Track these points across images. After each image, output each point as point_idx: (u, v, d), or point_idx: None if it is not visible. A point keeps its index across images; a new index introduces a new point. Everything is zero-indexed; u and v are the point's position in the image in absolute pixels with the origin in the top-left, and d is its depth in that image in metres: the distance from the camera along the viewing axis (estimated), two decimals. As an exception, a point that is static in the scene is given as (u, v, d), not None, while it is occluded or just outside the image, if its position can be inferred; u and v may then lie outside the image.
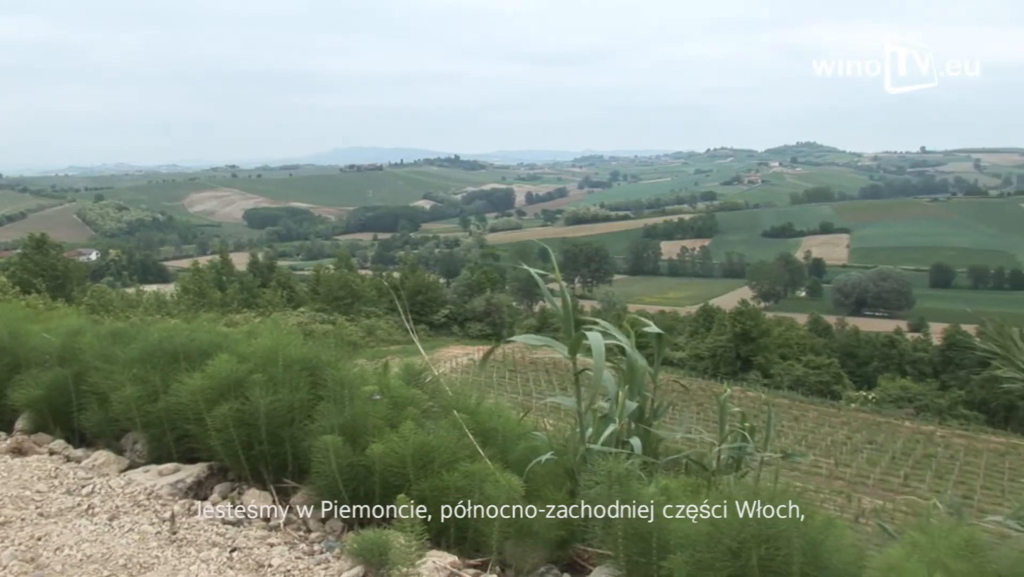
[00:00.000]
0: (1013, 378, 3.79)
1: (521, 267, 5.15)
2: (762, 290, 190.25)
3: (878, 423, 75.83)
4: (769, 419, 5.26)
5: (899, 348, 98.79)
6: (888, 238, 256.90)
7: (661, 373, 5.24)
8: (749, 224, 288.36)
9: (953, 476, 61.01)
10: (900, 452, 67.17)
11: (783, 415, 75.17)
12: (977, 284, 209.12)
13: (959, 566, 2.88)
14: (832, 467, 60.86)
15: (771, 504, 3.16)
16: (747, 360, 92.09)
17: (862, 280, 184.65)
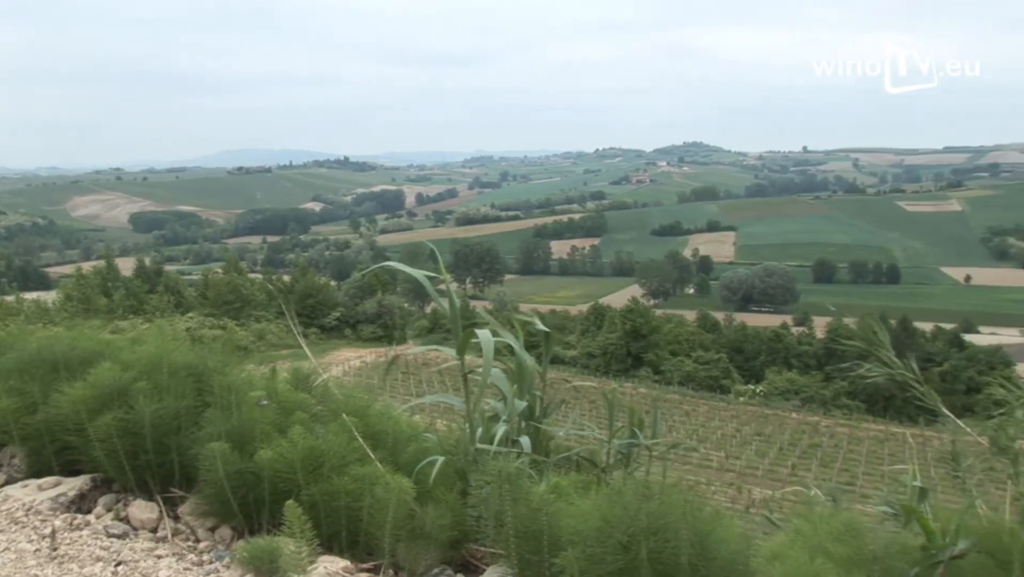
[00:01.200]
0: (879, 373, 3.87)
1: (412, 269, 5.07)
2: (651, 288, 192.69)
3: (766, 415, 77.42)
4: (656, 414, 5.32)
5: (785, 342, 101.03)
6: (773, 235, 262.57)
7: (553, 372, 5.27)
8: (638, 223, 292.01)
9: (837, 464, 62.71)
10: (787, 443, 68.77)
11: (674, 410, 76.23)
12: (857, 279, 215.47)
13: (839, 550, 2.99)
14: (723, 460, 61.92)
15: (660, 498, 3.22)
16: (638, 357, 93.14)
17: (748, 277, 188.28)
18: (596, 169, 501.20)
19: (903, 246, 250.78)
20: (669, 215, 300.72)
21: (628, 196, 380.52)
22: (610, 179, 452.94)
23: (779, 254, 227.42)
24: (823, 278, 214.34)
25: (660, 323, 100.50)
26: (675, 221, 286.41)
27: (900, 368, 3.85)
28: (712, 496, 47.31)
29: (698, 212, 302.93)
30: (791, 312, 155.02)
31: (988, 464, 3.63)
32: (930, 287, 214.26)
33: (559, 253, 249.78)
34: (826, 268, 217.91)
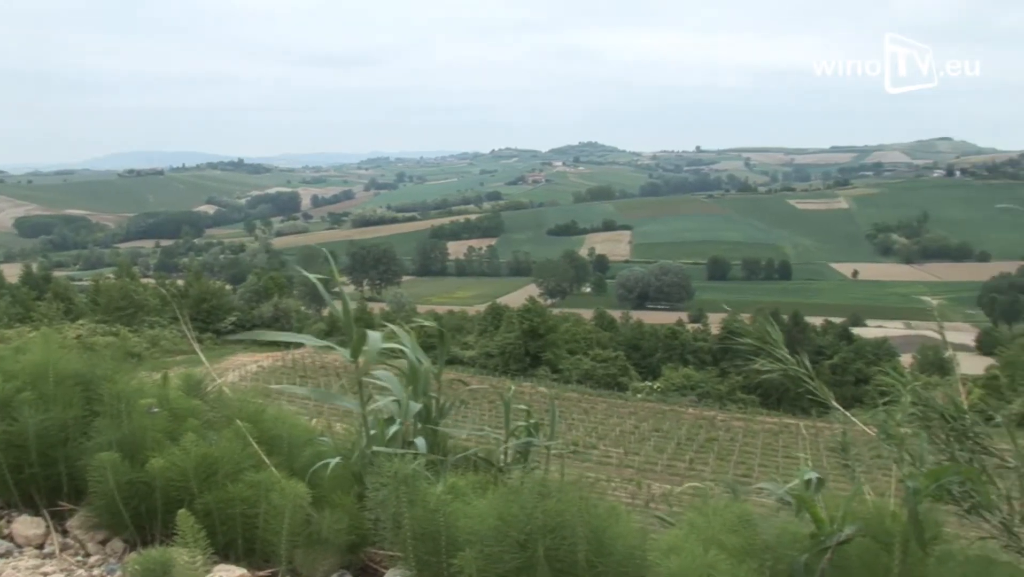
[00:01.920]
0: (772, 368, 3.91)
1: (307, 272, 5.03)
2: (548, 287, 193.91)
3: (663, 411, 78.37)
4: (553, 412, 5.36)
5: (681, 339, 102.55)
6: (668, 234, 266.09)
7: (451, 372, 5.27)
8: (534, 223, 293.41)
9: (734, 457, 63.80)
10: (685, 438, 69.73)
11: (573, 408, 76.76)
12: (750, 275, 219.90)
13: (732, 540, 3.07)
14: (622, 456, 62.49)
15: (557, 496, 3.24)
16: (536, 356, 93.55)
17: (644, 275, 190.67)
18: (492, 169, 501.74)
19: (794, 243, 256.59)
20: (565, 215, 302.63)
21: (524, 196, 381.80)
22: (506, 179, 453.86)
23: (674, 252, 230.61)
24: (717, 275, 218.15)
25: (557, 322, 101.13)
26: (571, 221, 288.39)
27: (792, 363, 3.92)
28: (612, 492, 47.86)
29: (594, 212, 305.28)
30: (687, 309, 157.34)
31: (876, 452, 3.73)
32: (820, 283, 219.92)
33: (456, 254, 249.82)
34: (720, 265, 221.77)
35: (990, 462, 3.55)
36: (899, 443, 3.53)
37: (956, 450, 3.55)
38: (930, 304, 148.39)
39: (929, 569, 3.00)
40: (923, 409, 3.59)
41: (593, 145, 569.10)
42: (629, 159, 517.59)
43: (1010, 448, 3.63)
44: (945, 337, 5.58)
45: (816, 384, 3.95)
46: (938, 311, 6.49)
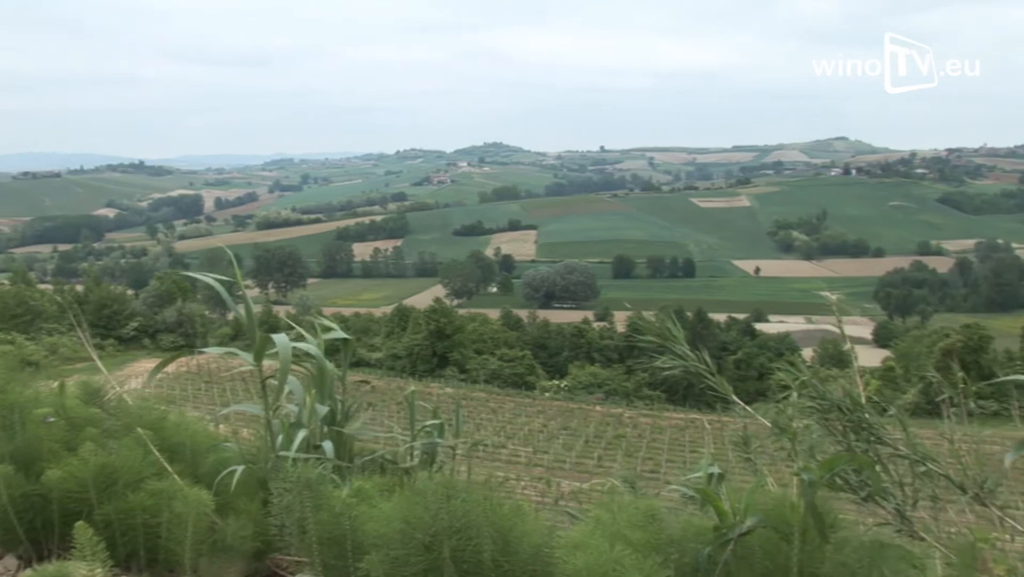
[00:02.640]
0: (675, 365, 3.97)
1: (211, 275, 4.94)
2: (455, 288, 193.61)
3: (571, 409, 78.81)
4: (457, 412, 5.36)
5: (587, 337, 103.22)
6: (573, 233, 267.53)
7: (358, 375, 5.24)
8: (440, 223, 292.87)
9: (641, 453, 64.41)
10: (593, 435, 70.21)
11: (481, 408, 76.84)
12: (655, 273, 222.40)
13: (637, 536, 3.10)
14: (531, 455, 62.73)
15: (462, 496, 3.24)
16: (443, 357, 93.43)
17: (550, 274, 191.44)
18: (397, 170, 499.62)
19: (697, 241, 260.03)
20: (471, 215, 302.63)
21: (430, 197, 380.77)
22: (411, 180, 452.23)
23: (579, 251, 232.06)
24: (622, 273, 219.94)
25: (464, 322, 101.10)
26: (477, 221, 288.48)
27: (694, 360, 3.97)
28: (521, 491, 48.00)
29: (499, 211, 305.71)
30: (592, 308, 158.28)
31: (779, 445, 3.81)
32: (723, 279, 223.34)
33: (362, 255, 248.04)
34: (625, 264, 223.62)
35: (884, 451, 3.68)
36: (793, 436, 3.66)
37: (852, 441, 3.65)
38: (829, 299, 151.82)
39: (826, 556, 3.06)
40: (819, 402, 3.68)
41: (498, 145, 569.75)
42: (534, 159, 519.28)
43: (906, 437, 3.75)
44: (844, 331, 5.73)
45: (717, 379, 4.01)
46: (837, 306, 6.49)
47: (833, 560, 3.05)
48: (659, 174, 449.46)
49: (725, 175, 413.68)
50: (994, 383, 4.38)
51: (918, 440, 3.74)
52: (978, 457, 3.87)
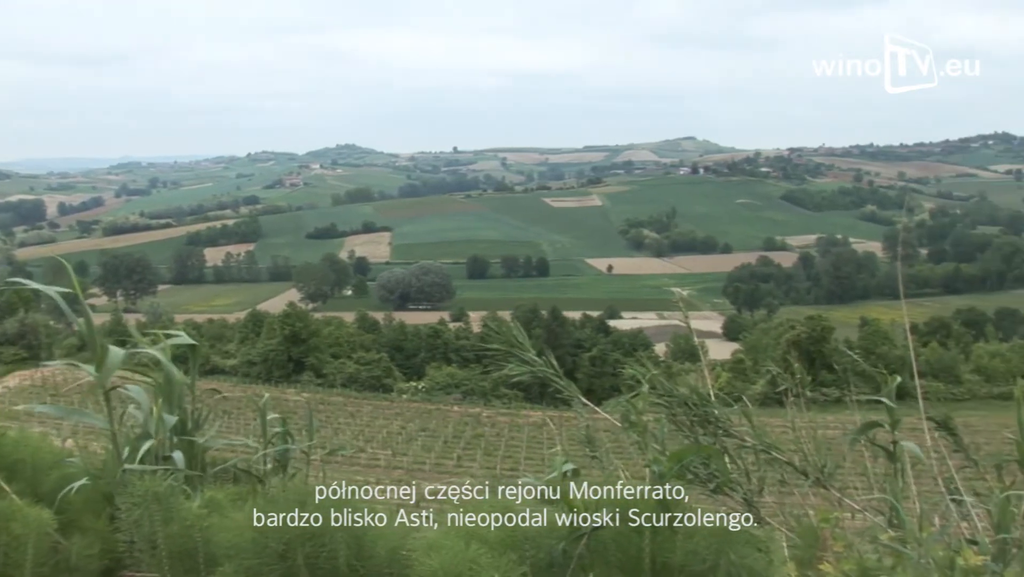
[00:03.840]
0: (521, 371, 4.09)
1: (42, 285, 4.76)
2: (309, 291, 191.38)
3: (430, 411, 78.91)
4: (310, 416, 5.31)
5: (443, 338, 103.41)
6: (427, 234, 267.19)
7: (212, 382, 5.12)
8: (293, 226, 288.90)
9: (500, 452, 64.92)
10: (452, 436, 70.42)
11: (339, 412, 76.26)
12: (510, 273, 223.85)
13: (493, 534, 3.13)
14: (390, 457, 62.53)
15: (315, 502, 3.23)
16: (300, 362, 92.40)
17: (405, 275, 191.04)
18: (249, 173, 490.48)
19: (550, 240, 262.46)
20: (324, 218, 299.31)
21: (282, 200, 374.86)
22: (263, 183, 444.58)
23: (434, 252, 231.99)
24: (477, 274, 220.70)
25: (320, 326, 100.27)
26: (330, 224, 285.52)
27: (541, 365, 4.08)
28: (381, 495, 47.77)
29: (353, 214, 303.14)
30: (448, 308, 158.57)
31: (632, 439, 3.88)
32: (577, 278, 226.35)
33: (214, 260, 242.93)
34: (480, 264, 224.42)
35: (731, 442, 3.84)
36: (641, 431, 3.76)
37: (699, 434, 3.80)
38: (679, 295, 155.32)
39: (677, 545, 3.13)
40: (667, 397, 3.82)
41: (351, 147, 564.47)
42: (387, 160, 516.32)
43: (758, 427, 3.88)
44: (691, 326, 5.89)
45: (564, 382, 4.15)
46: (684, 302, 6.61)
47: (683, 549, 3.11)
48: (512, 174, 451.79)
49: (577, 175, 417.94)
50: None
51: (763, 430, 3.92)
52: (819, 443, 4.09)
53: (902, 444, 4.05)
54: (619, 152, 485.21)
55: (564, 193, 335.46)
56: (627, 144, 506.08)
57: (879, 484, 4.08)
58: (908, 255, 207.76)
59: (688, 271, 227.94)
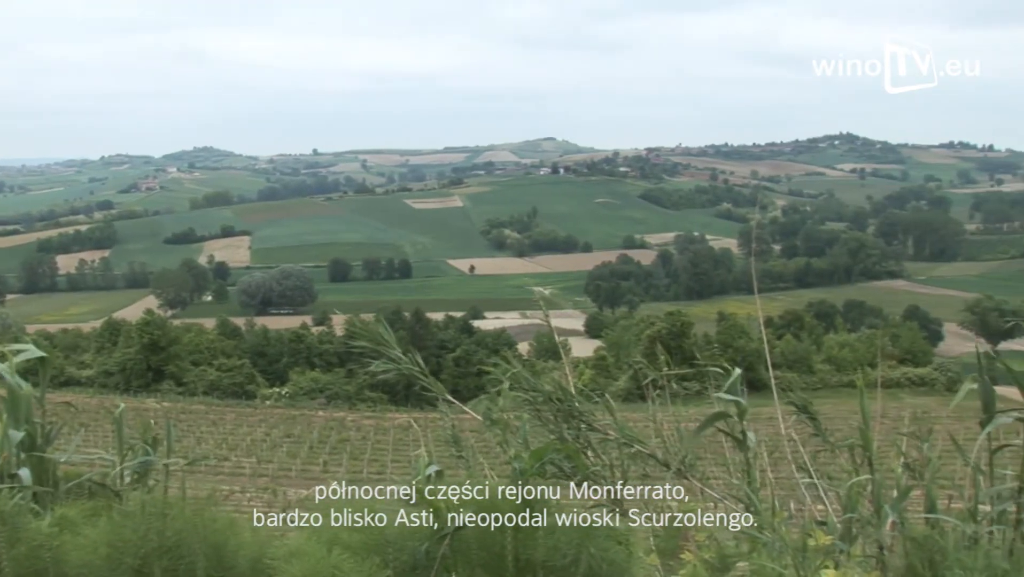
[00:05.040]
0: (388, 369, 4.11)
1: None
2: (168, 298, 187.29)
3: (294, 416, 78.08)
4: (168, 426, 5.18)
5: (306, 342, 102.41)
6: (288, 237, 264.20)
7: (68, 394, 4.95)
8: (150, 232, 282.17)
9: (367, 455, 64.64)
10: (317, 441, 69.82)
11: (201, 421, 74.85)
12: (372, 275, 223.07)
13: (355, 538, 3.12)
14: (255, 465, 61.64)
15: (172, 514, 3.17)
16: (159, 370, 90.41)
17: (266, 280, 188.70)
18: (103, 177, 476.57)
19: (412, 242, 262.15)
20: (182, 222, 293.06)
21: (138, 204, 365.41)
22: (118, 187, 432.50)
23: (295, 256, 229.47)
24: (339, 277, 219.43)
25: (179, 333, 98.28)
26: (188, 228, 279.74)
27: (407, 363, 4.08)
28: (247, 503, 46.99)
29: (212, 218, 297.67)
30: (310, 312, 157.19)
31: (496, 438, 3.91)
32: (439, 279, 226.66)
33: (67, 268, 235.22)
34: (341, 267, 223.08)
35: (595, 437, 3.92)
36: (503, 428, 3.86)
37: (565, 429, 3.86)
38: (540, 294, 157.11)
39: (538, 542, 3.16)
40: (531, 394, 3.87)
41: (209, 150, 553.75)
42: (246, 163, 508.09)
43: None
44: (553, 325, 5.96)
45: (430, 380, 4.18)
46: (546, 301, 6.80)
47: (545, 545, 3.15)
48: (373, 176, 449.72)
49: (438, 176, 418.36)
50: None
51: (625, 424, 4.00)
52: (679, 435, 4.27)
53: (750, 433, 4.17)
54: (480, 153, 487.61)
55: (425, 194, 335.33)
56: (487, 145, 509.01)
57: (739, 473, 4.19)
58: (762, 251, 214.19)
59: (550, 270, 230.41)
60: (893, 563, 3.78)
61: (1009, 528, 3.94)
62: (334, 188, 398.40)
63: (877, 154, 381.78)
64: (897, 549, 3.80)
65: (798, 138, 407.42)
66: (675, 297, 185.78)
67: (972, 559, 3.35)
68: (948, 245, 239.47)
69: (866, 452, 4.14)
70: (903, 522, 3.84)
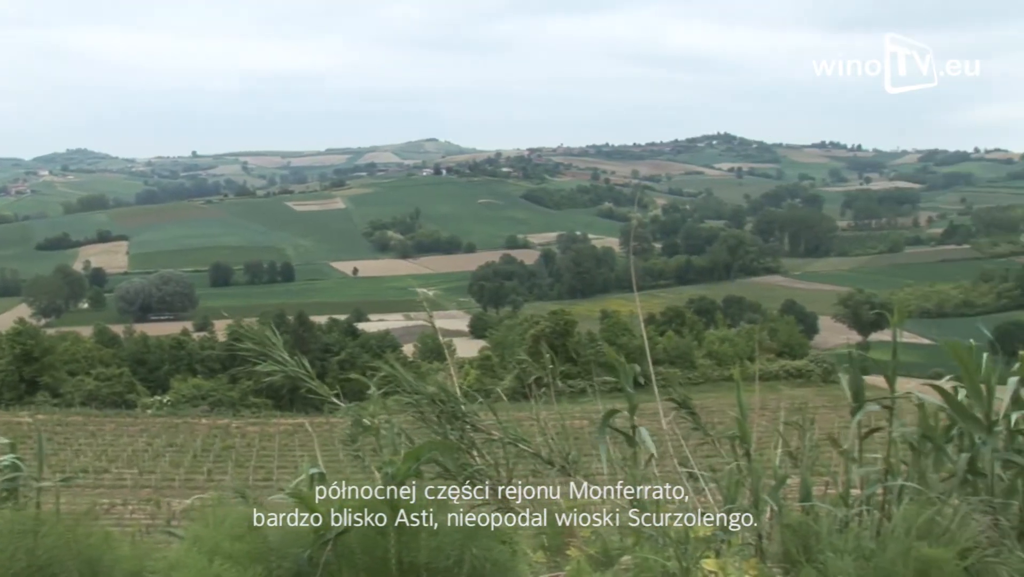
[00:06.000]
0: (275, 371, 4.17)
1: None
2: (41, 306, 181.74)
3: (176, 425, 76.83)
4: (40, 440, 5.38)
5: (188, 349, 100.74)
6: (167, 242, 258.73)
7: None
8: (20, 237, 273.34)
9: (252, 462, 64.07)
10: (201, 449, 68.92)
11: (79, 432, 73.17)
12: (254, 279, 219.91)
13: (238, 547, 3.08)
14: (137, 476, 60.61)
15: (43, 532, 3.12)
16: (33, 382, 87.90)
17: (145, 286, 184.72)
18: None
19: (294, 244, 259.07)
20: (55, 227, 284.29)
21: (8, 209, 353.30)
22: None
23: (175, 260, 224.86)
24: (220, 281, 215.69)
25: (54, 342, 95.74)
26: (62, 233, 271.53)
27: (293, 365, 4.15)
28: (130, 516, 46.34)
29: (87, 222, 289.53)
30: (191, 318, 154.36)
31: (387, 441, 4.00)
32: (322, 282, 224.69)
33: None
34: (223, 271, 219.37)
35: (480, 437, 4.06)
36: (375, 432, 3.93)
37: (449, 430, 3.99)
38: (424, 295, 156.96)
39: (421, 544, 3.17)
40: (414, 396, 4.00)
41: (83, 152, 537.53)
42: (123, 166, 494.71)
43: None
44: (437, 326, 6.32)
45: (316, 383, 4.21)
46: (430, 302, 7.09)
47: (428, 546, 3.15)
48: (253, 178, 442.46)
49: (320, 178, 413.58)
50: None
51: (510, 423, 4.14)
52: (563, 432, 4.40)
53: (640, 429, 4.38)
54: (361, 154, 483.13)
55: (307, 196, 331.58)
56: (369, 146, 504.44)
57: (623, 468, 4.35)
58: (643, 249, 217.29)
59: (433, 271, 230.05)
60: (771, 550, 3.96)
61: (876, 510, 4.14)
62: (214, 191, 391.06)
63: (753, 153, 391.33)
64: (775, 536, 3.99)
65: (677, 138, 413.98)
66: (558, 296, 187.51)
67: (843, 542, 3.53)
68: (822, 241, 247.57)
69: (744, 444, 4.32)
70: (780, 510, 4.01)
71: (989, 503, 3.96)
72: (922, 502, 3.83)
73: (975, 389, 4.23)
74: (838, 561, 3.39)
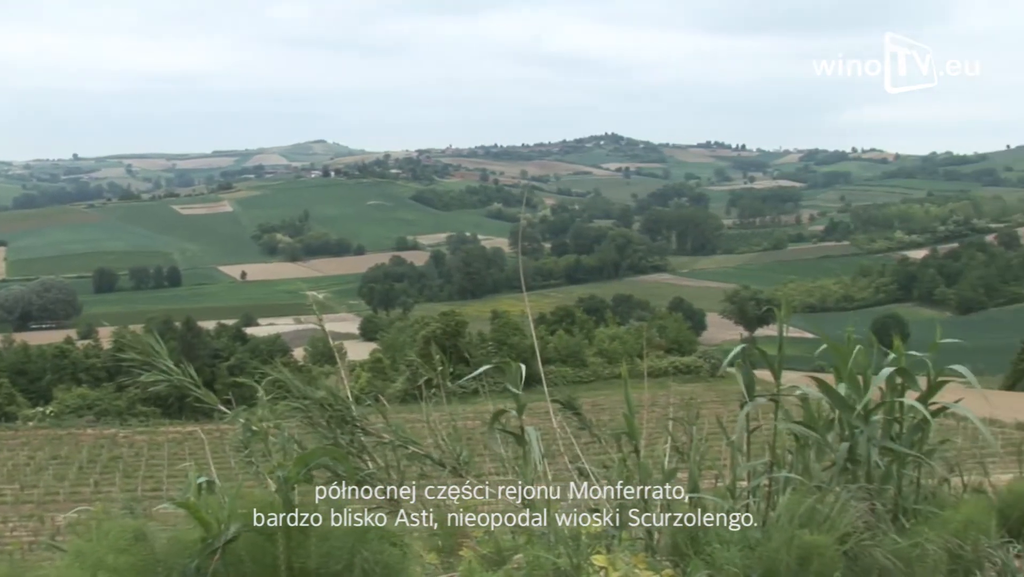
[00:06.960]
0: (160, 380, 4.15)
1: None
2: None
3: (60, 436, 75.02)
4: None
5: (71, 357, 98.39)
6: (47, 247, 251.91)
7: None
8: None
9: (141, 472, 62.89)
10: (87, 461, 67.42)
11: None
12: (139, 285, 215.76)
13: (122, 560, 3.01)
14: (18, 492, 59.14)
15: None
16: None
17: (25, 293, 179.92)
18: None
19: (181, 249, 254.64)
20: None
21: None
22: None
23: (56, 266, 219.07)
24: (105, 287, 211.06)
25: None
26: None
27: (178, 374, 4.12)
28: (11, 533, 45.37)
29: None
30: (75, 326, 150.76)
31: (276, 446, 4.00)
32: (210, 286, 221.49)
33: None
34: (107, 277, 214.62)
35: (370, 440, 4.11)
36: (263, 438, 3.94)
37: (339, 435, 4.04)
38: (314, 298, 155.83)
39: (311, 549, 3.15)
40: (303, 401, 4.04)
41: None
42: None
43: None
44: (326, 329, 6.43)
45: (203, 391, 4.19)
46: (319, 305, 7.30)
47: (318, 551, 3.13)
48: (138, 182, 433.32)
49: (207, 181, 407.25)
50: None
51: (401, 425, 4.20)
52: (455, 433, 4.45)
53: (529, 428, 4.37)
54: (249, 156, 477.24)
55: (194, 200, 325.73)
56: (257, 148, 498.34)
57: (514, 468, 4.42)
58: (533, 249, 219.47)
59: (323, 274, 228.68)
60: (660, 543, 4.07)
61: (762, 500, 4.26)
62: (97, 195, 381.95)
63: (640, 153, 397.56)
64: (664, 530, 4.06)
65: (565, 138, 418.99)
66: (449, 297, 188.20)
67: (729, 533, 3.66)
68: (708, 239, 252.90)
69: (632, 440, 4.41)
70: (668, 504, 4.06)
71: (867, 489, 4.19)
72: (805, 491, 4.02)
73: (852, 381, 4.49)
74: (724, 552, 3.55)
